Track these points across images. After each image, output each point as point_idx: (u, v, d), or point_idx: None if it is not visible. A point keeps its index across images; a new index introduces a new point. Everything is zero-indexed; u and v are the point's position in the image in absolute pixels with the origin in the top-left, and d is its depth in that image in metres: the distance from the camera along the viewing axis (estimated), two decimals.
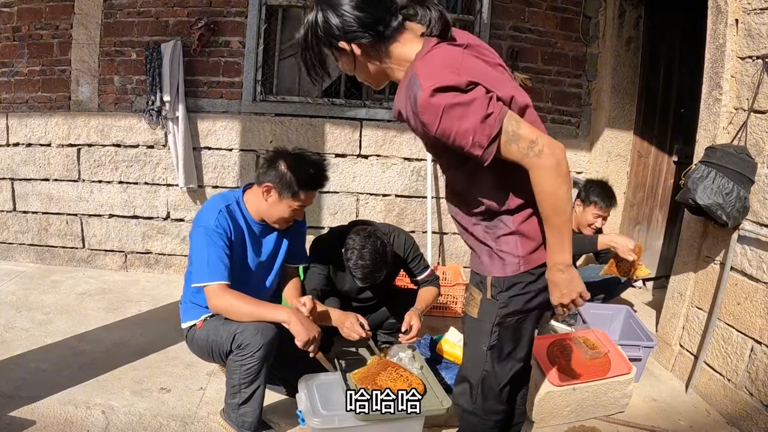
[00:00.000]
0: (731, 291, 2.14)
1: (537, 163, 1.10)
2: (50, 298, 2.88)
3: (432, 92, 1.07)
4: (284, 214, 1.83)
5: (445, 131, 1.10)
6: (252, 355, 1.69)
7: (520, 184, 1.21)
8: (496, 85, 1.15)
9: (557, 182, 1.11)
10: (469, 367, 1.42)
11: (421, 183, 3.29)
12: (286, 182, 1.77)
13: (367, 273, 1.97)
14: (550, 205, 1.13)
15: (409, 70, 1.15)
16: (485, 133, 1.09)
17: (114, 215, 3.34)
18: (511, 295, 1.28)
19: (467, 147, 1.11)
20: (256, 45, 3.12)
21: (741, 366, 2.07)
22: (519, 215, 1.26)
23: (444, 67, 1.10)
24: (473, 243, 1.35)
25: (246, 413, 1.76)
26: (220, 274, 1.71)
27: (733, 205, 2.01)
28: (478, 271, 1.33)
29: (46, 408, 1.89)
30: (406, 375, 1.79)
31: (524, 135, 1.11)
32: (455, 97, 1.08)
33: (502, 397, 1.40)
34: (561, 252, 1.18)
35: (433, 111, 1.08)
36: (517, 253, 1.26)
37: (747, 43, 2.12)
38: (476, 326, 1.35)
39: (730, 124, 2.21)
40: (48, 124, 3.22)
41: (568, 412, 2.00)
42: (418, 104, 1.09)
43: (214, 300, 1.71)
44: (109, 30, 3.14)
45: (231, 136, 3.21)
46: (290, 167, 1.77)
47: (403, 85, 1.16)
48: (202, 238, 1.74)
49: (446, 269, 3.11)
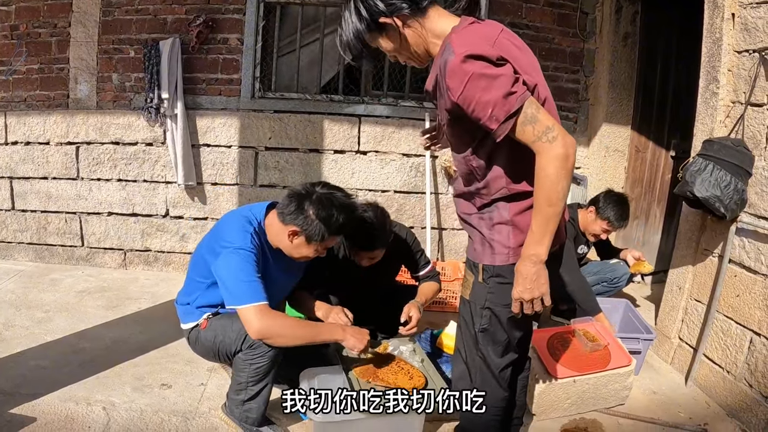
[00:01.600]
0: (730, 283, 2.15)
1: (547, 148, 1.12)
2: (50, 296, 2.88)
3: (464, 58, 1.09)
4: (309, 254, 1.77)
5: (467, 99, 1.12)
6: (263, 355, 1.68)
7: (524, 174, 1.22)
8: (524, 70, 1.18)
9: (560, 173, 1.12)
10: (464, 350, 1.43)
11: (420, 179, 3.30)
12: (315, 230, 1.69)
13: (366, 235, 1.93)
14: (545, 194, 1.14)
15: (445, 40, 1.18)
16: (504, 108, 1.11)
17: (113, 213, 3.34)
18: (499, 282, 1.30)
19: (484, 119, 1.13)
20: (254, 42, 3.13)
21: (740, 358, 2.08)
22: (516, 204, 1.27)
23: (479, 38, 1.13)
24: (469, 230, 1.38)
25: (251, 409, 1.76)
26: (259, 295, 1.63)
27: (731, 197, 2.02)
28: (471, 257, 1.37)
29: (47, 405, 1.89)
30: (407, 368, 1.80)
31: (541, 119, 1.12)
32: (484, 67, 1.10)
33: (500, 383, 1.41)
34: (539, 244, 1.18)
35: (460, 76, 1.10)
36: (508, 243, 1.28)
37: (743, 37, 2.13)
38: (468, 308, 1.38)
39: (727, 118, 2.22)
40: (46, 123, 3.22)
41: (569, 404, 2.01)
42: (447, 68, 1.11)
43: (259, 322, 1.60)
44: (108, 28, 3.14)
45: (230, 133, 3.21)
46: (318, 215, 1.68)
47: (438, 56, 1.19)
48: (236, 259, 1.65)
49: (445, 264, 3.12)
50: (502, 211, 1.28)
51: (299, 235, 1.71)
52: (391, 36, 1.24)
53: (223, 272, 1.67)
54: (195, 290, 1.85)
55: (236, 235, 1.70)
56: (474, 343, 1.38)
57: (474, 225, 1.34)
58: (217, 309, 1.83)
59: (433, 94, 1.25)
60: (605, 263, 2.89)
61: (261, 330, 1.61)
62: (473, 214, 1.34)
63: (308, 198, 1.70)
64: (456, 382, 1.48)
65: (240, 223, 1.74)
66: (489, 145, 1.22)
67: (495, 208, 1.29)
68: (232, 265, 1.65)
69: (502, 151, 1.21)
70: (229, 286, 1.65)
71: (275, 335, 1.63)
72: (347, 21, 1.24)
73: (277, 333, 1.63)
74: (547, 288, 1.22)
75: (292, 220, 1.70)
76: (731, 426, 2.02)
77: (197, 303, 1.84)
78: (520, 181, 1.25)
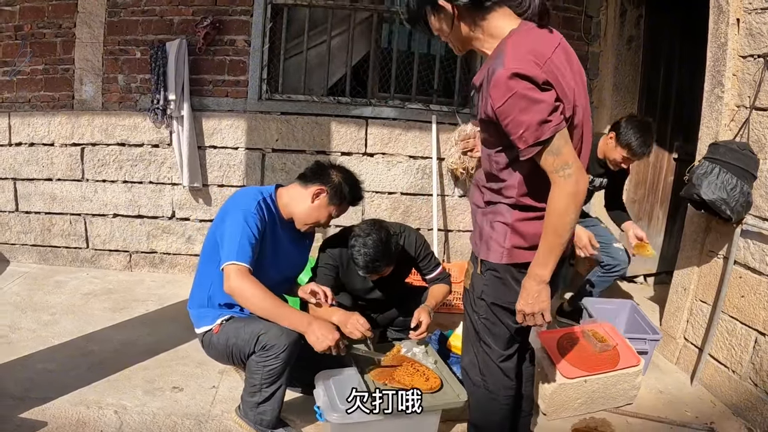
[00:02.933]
0: (735, 284, 2.19)
1: (561, 183, 1.19)
2: (55, 298, 2.87)
3: (511, 74, 1.13)
4: (321, 218, 1.90)
5: (504, 113, 1.17)
6: (276, 357, 1.69)
7: (536, 190, 1.28)
8: (568, 96, 1.21)
9: (569, 208, 1.20)
10: (469, 339, 1.51)
11: (427, 181, 3.31)
12: (340, 192, 1.87)
13: (368, 261, 1.95)
14: (553, 224, 1.22)
15: (501, 44, 1.22)
16: (536, 134, 1.16)
17: (118, 215, 3.33)
18: (494, 275, 1.38)
19: (514, 136, 1.18)
20: (261, 43, 3.12)
21: (745, 357, 2.12)
22: (520, 213, 1.32)
23: (532, 55, 1.16)
24: (474, 224, 1.46)
25: (265, 411, 1.76)
26: (246, 256, 1.68)
27: (737, 200, 2.05)
28: (473, 250, 1.46)
29: (57, 409, 1.88)
30: (422, 370, 1.81)
31: (564, 154, 1.19)
32: (528, 89, 1.14)
33: (504, 371, 1.47)
34: (542, 267, 1.26)
35: (503, 90, 1.15)
36: (504, 243, 1.33)
37: (748, 42, 2.16)
38: (468, 297, 1.48)
39: (732, 121, 2.26)
40: (51, 124, 3.20)
41: (579, 404, 2.04)
42: (494, 78, 1.16)
43: (234, 281, 1.64)
44: (113, 29, 3.12)
45: (236, 135, 3.21)
46: (345, 180, 1.89)
47: (491, 57, 1.23)
48: (239, 219, 1.72)
49: (451, 266, 3.13)
50: (505, 213, 1.34)
51: (324, 195, 1.86)
52: (443, 19, 1.27)
53: (225, 230, 1.73)
54: (206, 280, 1.85)
55: (243, 200, 1.80)
56: (476, 333, 1.47)
57: (477, 219, 1.42)
58: (233, 309, 1.84)
59: (478, 88, 1.29)
60: (608, 237, 2.70)
61: (233, 287, 1.66)
62: (480, 208, 1.41)
63: (332, 167, 1.93)
64: (467, 369, 1.55)
65: (249, 191, 1.87)
66: (514, 153, 1.26)
67: (498, 209, 1.35)
68: (233, 223, 1.73)
69: (524, 164, 1.25)
70: (224, 242, 1.72)
71: (242, 297, 1.67)
72: None
73: (244, 296, 1.67)
74: (547, 305, 1.30)
75: (317, 181, 1.86)
76: (737, 424, 2.06)
77: (213, 295, 1.84)
78: (530, 195, 1.30)
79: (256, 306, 1.69)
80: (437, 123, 3.22)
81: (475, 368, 1.50)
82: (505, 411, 1.51)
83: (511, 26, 1.23)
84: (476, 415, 1.58)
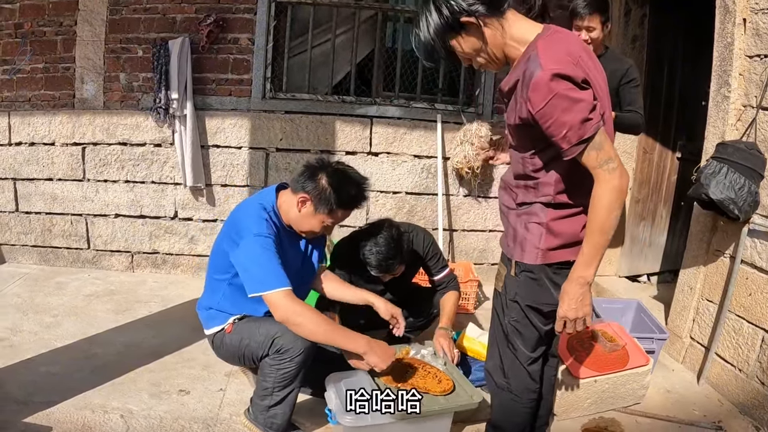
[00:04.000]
0: (742, 283, 2.19)
1: (606, 178, 1.17)
2: (57, 300, 2.83)
3: (552, 76, 1.12)
4: (315, 228, 1.77)
5: (546, 115, 1.16)
6: (291, 360, 1.66)
7: (572, 188, 1.27)
8: (599, 93, 1.22)
9: (614, 204, 1.18)
10: (496, 342, 1.49)
11: (432, 180, 3.31)
12: (325, 198, 1.70)
13: (381, 259, 1.95)
14: (599, 222, 1.19)
15: (530, 48, 1.20)
16: (579, 132, 1.16)
17: (120, 215, 3.29)
18: (529, 276, 1.36)
19: (557, 137, 1.17)
20: (265, 42, 3.10)
21: (752, 356, 2.12)
22: (555, 212, 1.30)
23: (566, 55, 1.16)
24: (506, 224, 1.43)
25: (276, 415, 1.74)
26: (284, 279, 1.61)
27: (745, 199, 2.06)
28: (505, 251, 1.43)
29: (62, 413, 1.84)
30: (434, 371, 1.81)
31: (606, 149, 1.18)
32: (569, 89, 1.14)
33: (531, 374, 1.46)
34: (587, 267, 1.23)
35: (544, 92, 1.13)
36: (538, 245, 1.31)
37: (755, 42, 2.17)
38: (500, 299, 1.45)
39: (738, 121, 2.26)
40: (52, 123, 3.16)
41: (589, 404, 2.04)
42: (533, 81, 1.14)
43: (288, 306, 1.59)
44: (115, 27, 3.08)
45: (240, 134, 3.18)
46: (331, 183, 1.70)
47: (520, 62, 1.22)
48: (257, 246, 1.64)
49: (456, 266, 3.13)
50: (540, 213, 1.31)
51: (309, 203, 1.71)
52: (471, 36, 1.25)
53: (245, 259, 1.64)
54: (217, 289, 1.82)
55: (253, 223, 1.69)
56: (504, 335, 1.44)
57: (510, 221, 1.39)
58: (243, 313, 1.82)
59: (506, 94, 1.28)
60: None
61: (287, 314, 1.59)
62: (512, 210, 1.39)
63: (323, 169, 1.73)
64: (491, 372, 1.54)
65: (255, 211, 1.73)
66: (550, 154, 1.25)
67: (533, 209, 1.33)
68: (253, 252, 1.63)
69: (561, 163, 1.24)
70: (252, 272, 1.63)
71: (299, 323, 1.60)
72: (426, 20, 1.25)
73: (301, 321, 1.60)
74: (590, 309, 1.28)
75: (302, 188, 1.71)
76: (744, 423, 2.07)
77: (221, 304, 1.82)
78: (566, 194, 1.29)
79: (313, 332, 1.62)
80: (442, 122, 3.21)
81: (499, 371, 1.49)
82: (527, 413, 1.51)
83: (534, 30, 1.24)
84: (498, 417, 1.58)
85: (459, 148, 3.14)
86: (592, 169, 1.19)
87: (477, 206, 3.39)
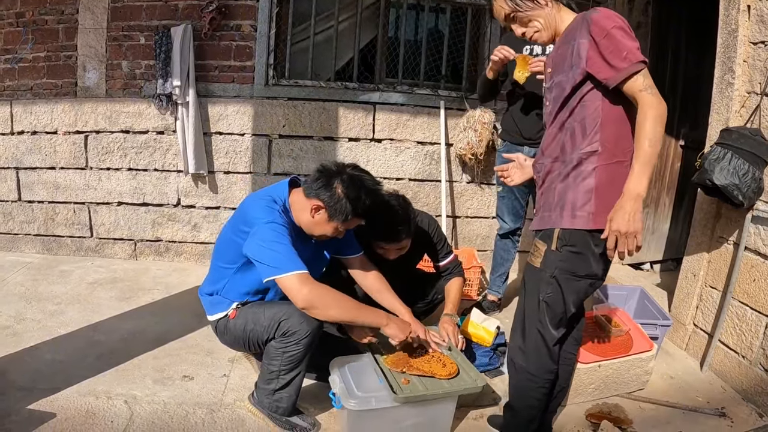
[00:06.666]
0: (745, 270, 2.19)
1: (650, 100, 1.29)
2: (60, 288, 2.84)
3: (610, 14, 1.34)
4: (327, 233, 1.73)
5: (609, 38, 1.31)
6: (298, 342, 1.66)
7: (620, 133, 1.38)
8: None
9: (658, 120, 1.29)
10: (522, 320, 1.52)
11: (435, 167, 3.30)
12: (341, 208, 1.66)
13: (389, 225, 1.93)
14: (647, 135, 1.28)
15: (577, 18, 1.42)
16: (636, 54, 1.31)
17: (123, 203, 3.29)
18: (571, 251, 1.40)
19: (617, 58, 1.30)
20: (268, 29, 3.08)
21: (755, 343, 2.13)
22: (603, 175, 1.37)
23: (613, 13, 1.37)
24: (549, 198, 1.48)
25: (281, 398, 1.73)
26: (299, 262, 1.58)
27: (749, 185, 2.05)
28: (546, 227, 1.46)
29: (66, 400, 1.85)
30: (438, 355, 1.81)
31: (650, 79, 1.33)
32: (626, 26, 1.34)
33: (552, 355, 1.49)
34: (640, 180, 1.29)
35: (608, 22, 1.31)
36: (590, 209, 1.37)
37: (759, 28, 2.15)
38: (537, 276, 1.47)
39: (742, 108, 2.25)
40: (54, 112, 3.15)
41: (593, 389, 2.04)
42: (592, 20, 1.33)
43: (307, 288, 1.55)
44: (117, 14, 3.07)
45: (243, 121, 3.17)
46: (347, 194, 1.66)
47: (568, 32, 1.43)
48: (270, 232, 1.61)
49: (460, 252, 3.12)
50: (588, 178, 1.38)
51: (322, 210, 1.68)
52: (543, 15, 1.45)
53: (257, 246, 1.60)
54: (222, 277, 1.82)
55: (263, 212, 1.66)
56: (536, 312, 1.47)
57: (557, 190, 1.43)
58: (246, 299, 1.82)
59: (554, 61, 1.45)
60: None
61: (309, 298, 1.54)
62: (559, 179, 1.44)
63: (338, 176, 1.68)
64: (512, 350, 1.57)
65: (264, 202, 1.71)
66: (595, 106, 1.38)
67: (581, 174, 1.39)
68: (266, 238, 1.60)
69: (608, 123, 1.37)
70: (265, 258, 1.58)
71: (323, 305, 1.57)
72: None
73: (324, 303, 1.57)
74: (642, 226, 1.31)
75: (317, 195, 1.67)
76: (747, 410, 2.08)
77: (225, 291, 1.82)
78: (618, 138, 1.39)
79: (338, 311, 1.61)
80: (445, 108, 3.20)
81: (521, 353, 1.52)
82: (543, 392, 1.54)
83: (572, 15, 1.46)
84: (515, 397, 1.62)
85: (462, 134, 3.12)
86: (638, 93, 1.30)
87: (480, 193, 3.39)
